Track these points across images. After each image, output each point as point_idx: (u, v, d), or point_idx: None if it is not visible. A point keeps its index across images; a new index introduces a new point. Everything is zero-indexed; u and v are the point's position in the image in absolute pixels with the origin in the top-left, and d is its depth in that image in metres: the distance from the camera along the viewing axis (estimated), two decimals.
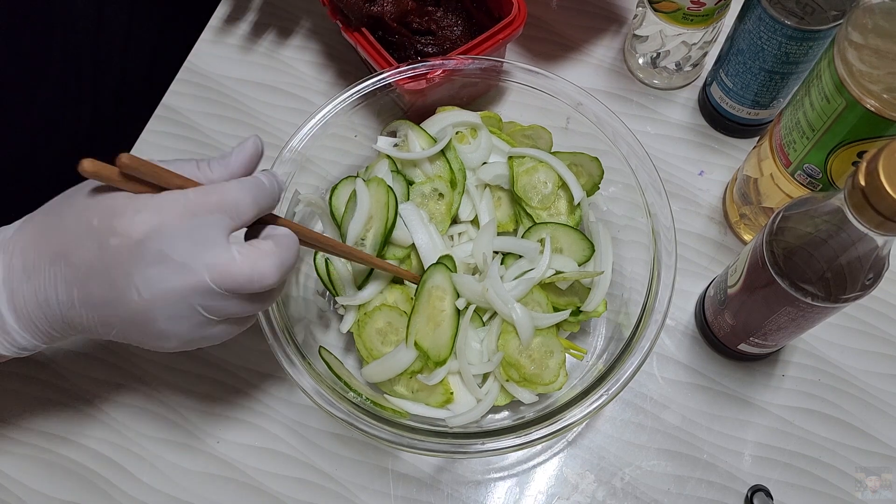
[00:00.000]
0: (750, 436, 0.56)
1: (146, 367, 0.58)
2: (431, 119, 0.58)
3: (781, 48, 0.53)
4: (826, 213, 0.41)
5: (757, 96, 0.59)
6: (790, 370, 0.58)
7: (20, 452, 0.56)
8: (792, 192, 0.53)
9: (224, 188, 0.38)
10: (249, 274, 0.38)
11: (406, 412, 0.51)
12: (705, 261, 0.61)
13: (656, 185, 0.52)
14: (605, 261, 0.54)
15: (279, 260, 0.39)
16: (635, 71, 0.68)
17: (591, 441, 0.56)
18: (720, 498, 0.54)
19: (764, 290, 0.46)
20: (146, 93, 0.70)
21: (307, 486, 0.55)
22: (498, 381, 0.52)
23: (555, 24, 0.71)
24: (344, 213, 0.54)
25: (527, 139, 0.59)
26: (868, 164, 0.34)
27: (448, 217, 0.55)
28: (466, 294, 0.51)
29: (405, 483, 0.55)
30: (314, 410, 0.56)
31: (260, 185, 0.40)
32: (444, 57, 0.57)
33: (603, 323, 0.57)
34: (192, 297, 0.38)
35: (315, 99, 0.68)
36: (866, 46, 0.42)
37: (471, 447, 0.45)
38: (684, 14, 0.58)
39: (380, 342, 0.52)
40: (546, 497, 0.54)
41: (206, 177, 0.40)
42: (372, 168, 0.57)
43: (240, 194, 0.38)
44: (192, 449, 0.56)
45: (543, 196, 0.56)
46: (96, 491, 0.55)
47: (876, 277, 0.42)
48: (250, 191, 0.39)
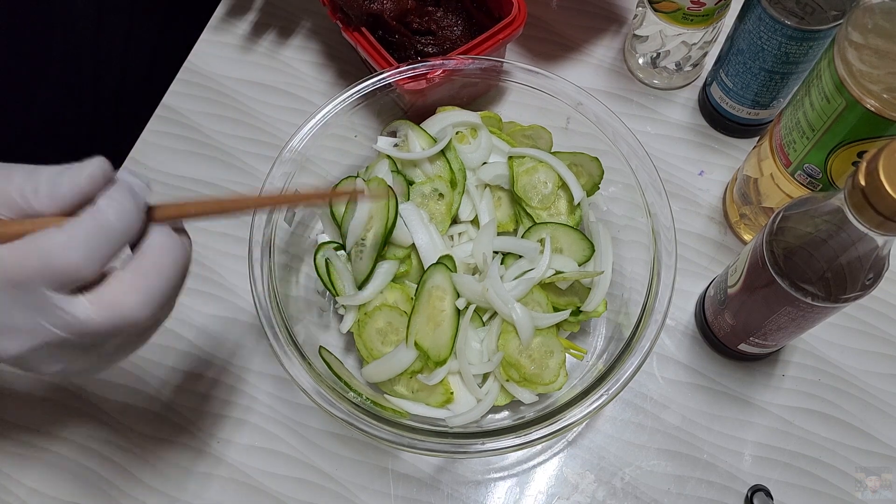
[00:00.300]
0: (750, 436, 0.56)
1: (147, 368, 0.58)
2: (431, 119, 0.58)
3: (781, 48, 0.53)
4: (826, 213, 0.41)
5: (757, 96, 0.59)
6: (790, 370, 0.58)
7: (20, 452, 0.56)
8: (792, 192, 0.53)
9: (44, 245, 0.30)
10: (109, 322, 0.31)
11: (406, 412, 0.51)
12: (705, 261, 0.61)
13: (656, 185, 0.52)
14: (605, 261, 0.54)
15: (145, 291, 0.31)
16: (635, 71, 0.69)
17: (591, 441, 0.56)
18: (720, 498, 0.54)
19: (764, 290, 0.46)
20: (146, 93, 0.70)
21: (307, 486, 0.55)
22: (498, 381, 0.52)
23: (555, 24, 0.71)
24: (344, 213, 0.54)
25: (527, 139, 0.59)
26: (868, 164, 0.34)
27: (448, 217, 0.55)
28: (466, 294, 0.51)
29: (405, 483, 0.55)
30: (314, 410, 0.56)
31: (100, 227, 0.31)
32: (444, 57, 0.57)
33: (603, 323, 0.57)
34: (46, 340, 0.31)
35: (315, 99, 0.68)
36: (866, 46, 0.42)
37: (471, 447, 0.45)
38: (684, 14, 0.58)
39: (380, 342, 0.52)
40: (546, 497, 0.54)
41: (30, 206, 0.31)
42: (372, 168, 0.57)
43: (65, 252, 0.30)
44: (192, 449, 0.56)
45: (543, 196, 0.56)
46: (96, 491, 0.55)
47: (876, 277, 0.42)
48: (82, 244, 0.30)
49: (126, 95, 0.74)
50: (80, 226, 0.30)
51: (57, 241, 0.30)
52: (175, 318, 0.59)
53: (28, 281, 0.30)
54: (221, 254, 0.62)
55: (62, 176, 0.31)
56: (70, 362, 0.34)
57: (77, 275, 0.30)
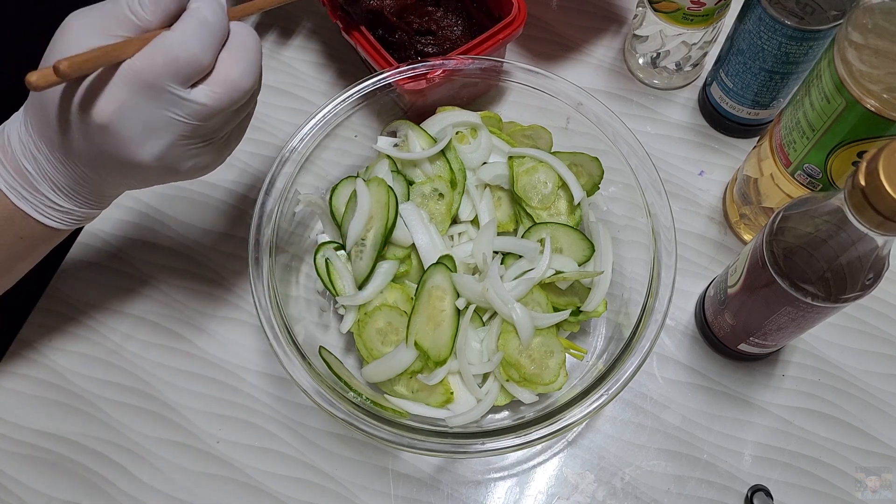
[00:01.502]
0: (750, 436, 0.56)
1: (147, 367, 0.58)
2: (431, 119, 0.58)
3: (781, 48, 0.53)
4: (826, 213, 0.41)
5: (757, 96, 0.59)
6: (790, 370, 0.58)
7: (20, 452, 0.56)
8: (792, 192, 0.53)
9: (166, 46, 0.36)
10: (227, 96, 0.38)
11: (406, 412, 0.51)
12: (705, 261, 0.61)
13: (656, 185, 0.52)
14: (605, 261, 0.54)
15: (245, 62, 0.39)
16: (635, 71, 0.69)
17: (591, 441, 0.56)
18: (720, 498, 0.54)
19: (764, 290, 0.46)
20: None
21: (307, 486, 0.55)
22: (498, 381, 0.52)
23: (555, 24, 0.71)
24: (344, 213, 0.54)
25: (527, 139, 0.59)
26: (868, 164, 0.34)
27: (448, 217, 0.55)
28: (466, 294, 0.51)
29: (405, 483, 0.55)
30: (314, 410, 0.56)
31: (203, 23, 0.37)
32: (444, 57, 0.57)
33: (603, 323, 0.57)
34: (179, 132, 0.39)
35: (315, 99, 0.68)
36: (866, 46, 0.42)
37: (471, 447, 0.45)
38: (684, 14, 0.58)
39: (380, 342, 0.52)
40: (546, 497, 0.54)
41: (143, 23, 0.37)
42: (372, 168, 0.57)
43: (186, 46, 0.37)
44: (192, 449, 0.56)
45: (543, 196, 0.56)
46: (96, 491, 0.55)
47: (876, 277, 0.42)
48: (195, 38, 0.37)
49: None
50: (188, 25, 0.37)
51: (175, 40, 0.36)
52: (175, 318, 0.60)
53: (159, 80, 0.36)
54: (221, 254, 0.62)
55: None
56: (198, 155, 0.41)
57: (198, 64, 0.37)
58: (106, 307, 0.60)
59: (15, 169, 0.42)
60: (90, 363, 0.58)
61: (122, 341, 0.59)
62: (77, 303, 0.60)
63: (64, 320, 0.60)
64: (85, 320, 0.60)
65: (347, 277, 0.53)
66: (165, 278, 0.61)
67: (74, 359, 0.59)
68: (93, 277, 0.61)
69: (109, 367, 0.58)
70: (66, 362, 0.58)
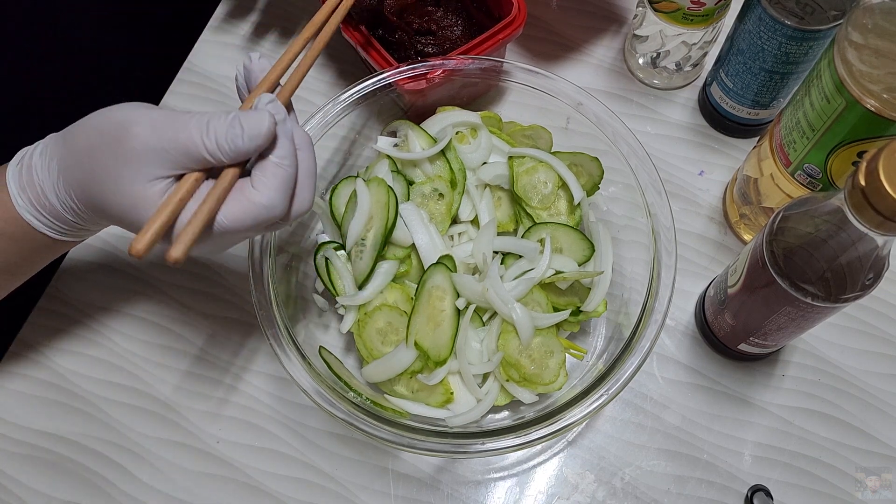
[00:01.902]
0: (750, 436, 0.56)
1: (147, 368, 0.58)
2: (431, 119, 0.58)
3: (781, 48, 0.53)
4: (826, 213, 0.41)
5: (757, 96, 0.59)
6: (790, 370, 0.58)
7: (20, 452, 0.56)
8: (792, 192, 0.53)
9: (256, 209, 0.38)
10: (292, 217, 0.40)
11: (406, 412, 0.51)
12: (705, 261, 0.61)
13: (656, 185, 0.52)
14: (605, 261, 0.54)
15: (305, 189, 0.40)
16: (635, 71, 0.69)
17: (591, 441, 0.56)
18: (720, 498, 0.54)
19: (764, 290, 0.46)
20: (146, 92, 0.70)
21: (307, 486, 0.55)
22: (498, 380, 0.52)
23: (555, 24, 0.71)
24: (344, 213, 0.54)
25: (527, 139, 0.59)
26: (868, 164, 0.34)
27: (448, 217, 0.55)
28: (466, 294, 0.51)
29: (405, 483, 0.55)
30: (314, 410, 0.56)
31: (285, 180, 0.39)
32: (444, 57, 0.57)
33: (603, 323, 0.57)
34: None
35: (315, 99, 0.68)
36: (866, 46, 0.42)
37: (471, 447, 0.45)
38: (684, 14, 0.58)
39: (380, 342, 0.52)
40: (546, 497, 0.54)
41: (217, 160, 0.38)
42: (372, 168, 0.57)
43: (273, 212, 0.38)
44: (192, 449, 0.56)
45: (543, 196, 0.56)
46: (96, 491, 0.55)
47: (876, 277, 0.42)
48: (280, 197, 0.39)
49: (126, 95, 0.74)
50: (272, 186, 0.38)
51: (262, 199, 0.38)
52: (175, 319, 0.60)
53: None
54: (222, 254, 0.62)
55: (238, 131, 0.37)
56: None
57: (277, 219, 0.39)
58: (106, 307, 0.60)
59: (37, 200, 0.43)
60: (90, 363, 0.58)
61: (123, 341, 0.59)
62: (77, 303, 0.60)
63: (64, 320, 0.60)
64: (85, 320, 0.60)
65: (347, 277, 0.53)
66: (165, 278, 0.61)
67: (75, 359, 0.59)
68: (93, 277, 0.61)
69: (109, 367, 0.58)
70: (66, 362, 0.58)
